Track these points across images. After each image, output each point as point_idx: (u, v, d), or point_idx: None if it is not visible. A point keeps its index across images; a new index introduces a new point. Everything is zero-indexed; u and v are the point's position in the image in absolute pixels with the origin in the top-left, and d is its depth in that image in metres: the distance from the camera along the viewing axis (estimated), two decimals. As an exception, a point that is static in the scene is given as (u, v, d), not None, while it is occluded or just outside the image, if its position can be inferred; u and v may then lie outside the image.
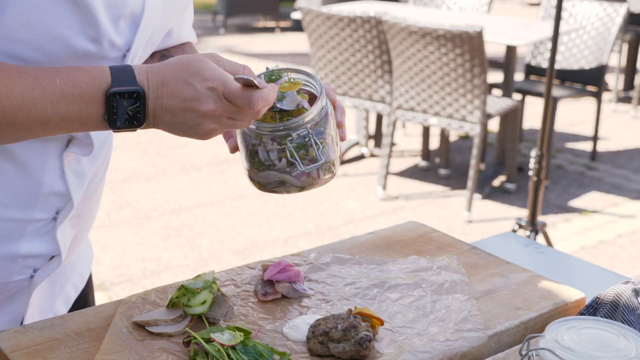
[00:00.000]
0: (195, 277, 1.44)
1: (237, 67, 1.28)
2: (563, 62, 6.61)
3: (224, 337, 1.28)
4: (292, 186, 1.37)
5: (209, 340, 1.29)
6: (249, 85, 1.23)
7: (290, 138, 1.32)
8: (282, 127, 1.32)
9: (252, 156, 1.36)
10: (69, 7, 1.23)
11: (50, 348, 1.34)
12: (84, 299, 1.71)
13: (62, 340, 1.37)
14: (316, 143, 1.34)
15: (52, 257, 1.51)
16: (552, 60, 4.01)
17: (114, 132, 1.26)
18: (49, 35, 1.24)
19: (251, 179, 1.39)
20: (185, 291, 1.41)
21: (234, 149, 1.42)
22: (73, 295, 1.65)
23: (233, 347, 1.27)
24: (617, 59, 8.50)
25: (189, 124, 1.24)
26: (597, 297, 1.49)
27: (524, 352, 1.17)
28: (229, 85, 1.23)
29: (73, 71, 1.22)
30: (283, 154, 1.33)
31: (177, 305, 1.43)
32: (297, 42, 11.79)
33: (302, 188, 1.38)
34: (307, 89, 1.40)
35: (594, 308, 1.48)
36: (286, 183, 1.36)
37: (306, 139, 1.33)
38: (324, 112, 1.36)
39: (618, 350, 1.13)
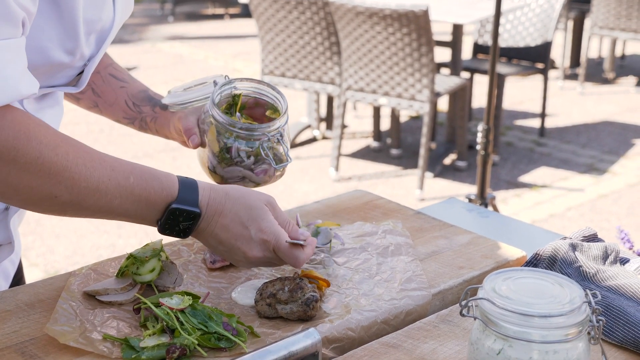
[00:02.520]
0: (144, 246, 1.46)
1: (287, 220, 1.41)
2: (509, 40, 6.70)
3: (172, 302, 1.30)
4: (250, 182, 1.55)
5: (158, 305, 1.31)
6: (297, 245, 1.38)
7: (266, 138, 1.50)
8: (257, 128, 1.50)
9: (224, 153, 1.51)
10: (54, 22, 1.31)
11: (1, 319, 1.36)
12: (19, 274, 1.73)
13: (13, 311, 1.39)
14: (285, 145, 1.53)
15: (1, 246, 1.54)
16: (495, 35, 4.07)
17: (160, 233, 1.35)
18: (31, 46, 1.30)
19: (214, 172, 1.55)
20: (133, 260, 1.43)
21: (196, 145, 1.56)
22: (11, 270, 1.66)
23: (182, 311, 1.29)
24: (562, 37, 8.63)
25: (231, 255, 1.38)
26: (536, 253, 1.54)
27: (463, 303, 1.21)
28: (281, 242, 1.36)
29: (146, 174, 1.31)
30: (252, 152, 1.51)
31: (127, 274, 1.45)
32: (246, 28, 11.77)
33: (257, 184, 1.55)
34: (271, 102, 1.59)
35: (534, 264, 1.53)
36: (246, 179, 1.54)
37: (277, 141, 1.52)
38: (287, 121, 1.54)
39: (553, 297, 1.18)
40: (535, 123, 7.36)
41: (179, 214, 1.32)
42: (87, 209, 1.27)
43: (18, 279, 1.72)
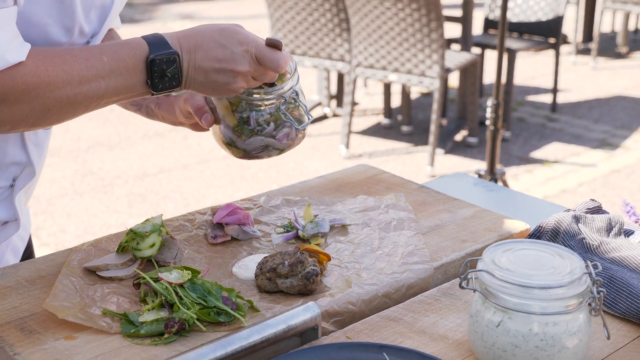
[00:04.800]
0: (144, 221, 1.45)
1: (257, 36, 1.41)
2: (520, 15, 6.64)
3: (171, 276, 1.30)
4: (273, 150, 1.50)
5: (157, 280, 1.31)
6: (274, 46, 1.38)
7: (282, 100, 1.46)
8: (272, 91, 1.45)
9: (242, 125, 1.47)
10: None
11: (2, 295, 1.36)
12: (29, 250, 1.73)
13: (13, 287, 1.39)
14: (303, 104, 1.49)
15: (6, 222, 1.54)
16: (504, 9, 4.04)
17: (154, 94, 1.35)
18: (29, 22, 1.31)
19: (236, 147, 1.50)
20: (134, 235, 1.43)
21: (210, 123, 1.53)
22: (21, 246, 1.67)
23: (181, 285, 1.29)
24: (574, 11, 8.55)
25: (221, 82, 1.37)
26: (539, 226, 1.53)
27: (463, 276, 1.20)
28: (261, 48, 1.37)
29: (115, 47, 1.33)
30: (271, 118, 1.47)
31: (127, 250, 1.45)
32: (257, 7, 11.72)
33: (281, 151, 1.51)
34: None
35: (537, 236, 1.52)
36: (269, 147, 1.49)
37: (294, 101, 1.49)
38: (299, 79, 1.51)
39: (553, 268, 1.17)
40: (547, 98, 7.31)
41: (159, 62, 1.32)
42: (80, 105, 1.30)
43: (28, 254, 1.73)
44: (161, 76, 1.33)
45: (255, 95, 1.46)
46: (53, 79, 1.25)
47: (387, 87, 6.54)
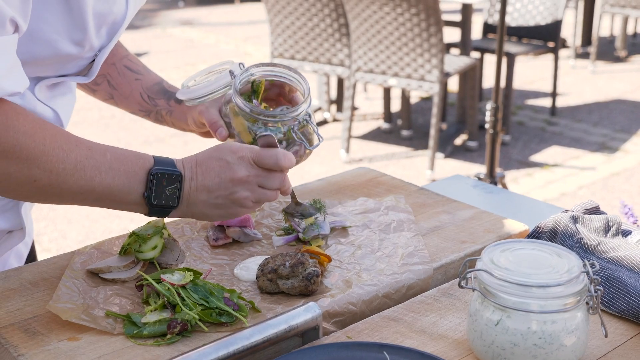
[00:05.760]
0: (146, 224, 1.47)
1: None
2: (519, 19, 6.66)
3: (174, 277, 1.32)
4: None
5: (159, 282, 1.32)
6: (270, 145, 1.38)
7: (296, 122, 1.50)
8: (287, 113, 1.49)
9: (256, 142, 1.50)
10: (61, 15, 1.32)
11: (5, 298, 1.37)
12: (32, 255, 1.75)
13: (16, 290, 1.40)
14: (314, 125, 1.53)
15: (11, 231, 1.56)
16: (503, 12, 4.06)
17: (146, 215, 1.36)
18: (40, 39, 1.32)
19: None
20: (136, 237, 1.44)
21: (225, 138, 1.55)
22: (24, 251, 1.68)
23: (183, 287, 1.30)
24: (573, 15, 8.57)
25: (224, 194, 1.35)
26: (537, 226, 1.54)
27: (462, 275, 1.21)
28: (256, 150, 1.37)
29: (122, 150, 1.32)
30: (284, 137, 1.51)
31: (129, 252, 1.46)
32: (257, 12, 11.75)
33: None
34: (293, 84, 1.58)
35: (535, 237, 1.53)
36: None
37: (306, 122, 1.52)
38: (311, 102, 1.54)
39: (552, 267, 1.18)
40: (546, 102, 7.33)
41: (161, 177, 1.31)
42: (69, 190, 1.27)
43: (31, 260, 1.75)
44: (159, 191, 1.32)
45: (271, 116, 1.49)
46: (48, 150, 1.23)
47: (387, 92, 6.56)
